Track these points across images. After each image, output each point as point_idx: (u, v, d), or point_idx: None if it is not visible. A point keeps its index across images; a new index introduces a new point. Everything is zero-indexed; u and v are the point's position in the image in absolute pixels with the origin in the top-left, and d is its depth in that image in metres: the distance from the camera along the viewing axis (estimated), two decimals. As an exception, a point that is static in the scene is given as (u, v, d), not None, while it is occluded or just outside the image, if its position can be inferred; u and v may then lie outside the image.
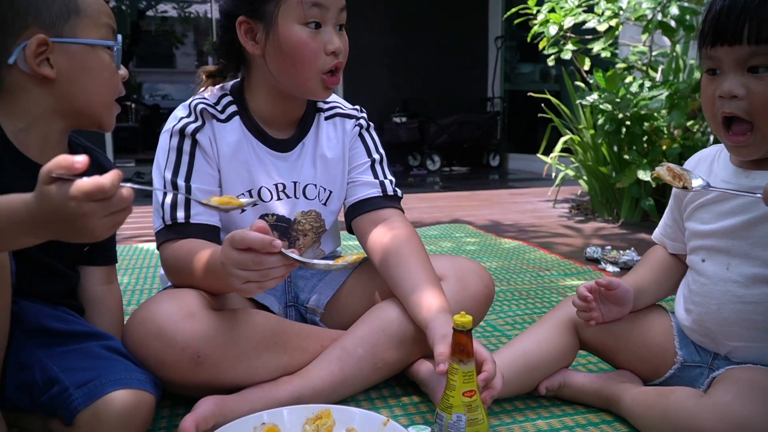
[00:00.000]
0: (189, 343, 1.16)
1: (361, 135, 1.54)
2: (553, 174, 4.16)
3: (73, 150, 1.24)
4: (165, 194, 1.32)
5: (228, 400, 1.20)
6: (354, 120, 1.54)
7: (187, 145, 1.35)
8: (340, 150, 1.51)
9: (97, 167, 0.88)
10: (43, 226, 0.83)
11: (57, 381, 1.08)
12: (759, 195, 0.97)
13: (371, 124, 1.58)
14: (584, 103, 3.61)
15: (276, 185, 1.44)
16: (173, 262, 1.31)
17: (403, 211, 1.53)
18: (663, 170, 1.11)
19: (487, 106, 7.78)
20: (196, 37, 11.90)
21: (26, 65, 1.08)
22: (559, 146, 3.97)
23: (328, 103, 1.53)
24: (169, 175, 1.34)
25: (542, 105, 4.06)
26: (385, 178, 1.53)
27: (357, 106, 1.58)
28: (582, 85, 3.81)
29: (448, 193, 5.48)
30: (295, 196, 1.47)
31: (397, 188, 1.53)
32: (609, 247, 2.79)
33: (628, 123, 3.45)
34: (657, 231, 1.38)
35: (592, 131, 3.72)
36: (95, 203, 0.80)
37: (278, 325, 1.31)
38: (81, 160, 0.78)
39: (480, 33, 7.84)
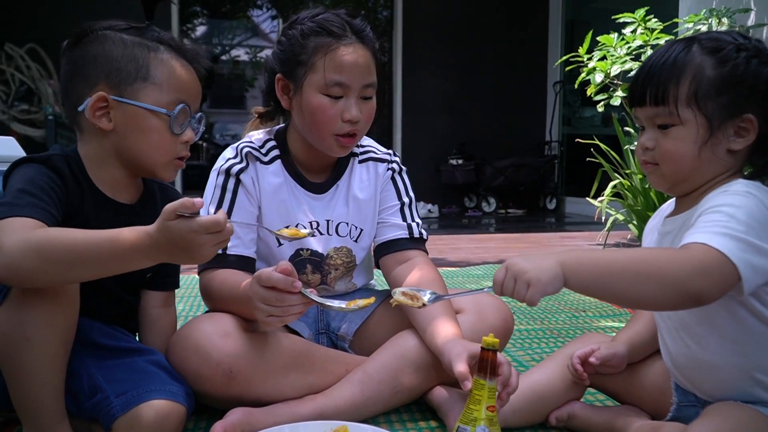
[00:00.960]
0: (223, 359, 1.30)
1: (393, 179, 1.68)
2: (603, 218, 4.19)
3: (148, 186, 1.40)
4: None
5: (255, 412, 1.32)
6: (386, 164, 1.67)
7: (231, 183, 1.52)
8: (372, 191, 1.65)
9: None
10: (162, 252, 1.05)
11: (100, 389, 1.20)
12: (486, 290, 1.10)
13: (404, 168, 1.71)
14: (632, 148, 3.66)
15: (311, 223, 1.58)
16: (208, 289, 1.47)
17: (427, 252, 1.65)
18: (399, 296, 1.19)
19: (545, 150, 7.83)
20: (266, 80, 12.32)
21: (88, 115, 1.26)
22: (608, 191, 4.01)
23: (362, 147, 1.67)
24: (212, 210, 1.50)
25: (591, 150, 4.12)
26: (413, 220, 1.65)
27: (390, 151, 1.71)
28: (631, 130, 3.86)
29: (499, 234, 5.54)
30: (328, 233, 1.61)
31: (423, 230, 1.65)
32: (648, 291, 2.81)
33: (674, 169, 3.48)
34: None
35: (640, 176, 3.76)
36: (210, 235, 1.03)
37: (306, 347, 1.44)
38: (199, 201, 1.02)
39: (539, 78, 7.93)
